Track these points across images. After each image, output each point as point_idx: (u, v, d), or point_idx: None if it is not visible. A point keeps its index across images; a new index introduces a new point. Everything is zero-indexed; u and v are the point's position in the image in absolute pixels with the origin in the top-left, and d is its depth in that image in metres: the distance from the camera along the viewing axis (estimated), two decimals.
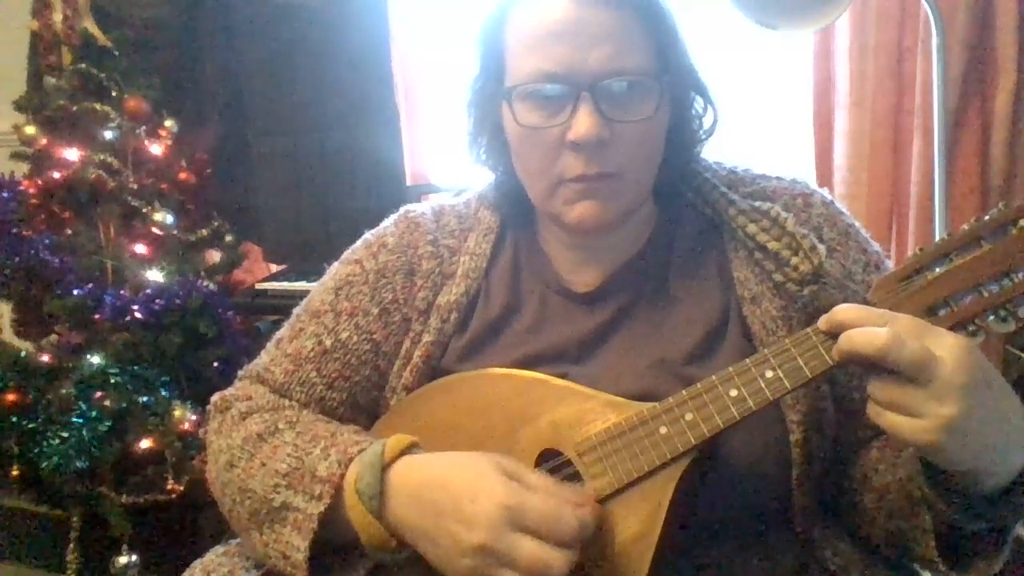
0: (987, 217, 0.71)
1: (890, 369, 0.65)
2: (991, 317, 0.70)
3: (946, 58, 1.56)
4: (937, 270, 0.71)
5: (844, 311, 0.69)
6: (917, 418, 0.65)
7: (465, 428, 0.83)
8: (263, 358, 0.99)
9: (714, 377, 0.75)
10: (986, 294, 0.70)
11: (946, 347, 0.65)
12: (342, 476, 0.79)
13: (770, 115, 2.10)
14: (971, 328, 0.71)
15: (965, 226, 0.71)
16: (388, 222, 1.01)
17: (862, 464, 0.87)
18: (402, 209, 1.02)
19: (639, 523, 0.75)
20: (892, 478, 0.81)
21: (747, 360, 0.74)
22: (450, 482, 0.74)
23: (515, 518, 0.69)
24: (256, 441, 0.87)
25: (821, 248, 0.85)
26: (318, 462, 0.81)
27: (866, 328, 0.67)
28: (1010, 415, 0.68)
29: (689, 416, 0.74)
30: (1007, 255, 0.69)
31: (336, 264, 1.00)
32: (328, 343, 0.94)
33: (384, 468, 0.77)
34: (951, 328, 0.70)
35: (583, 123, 0.81)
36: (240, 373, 1.00)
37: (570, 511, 0.70)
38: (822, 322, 0.71)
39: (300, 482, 0.81)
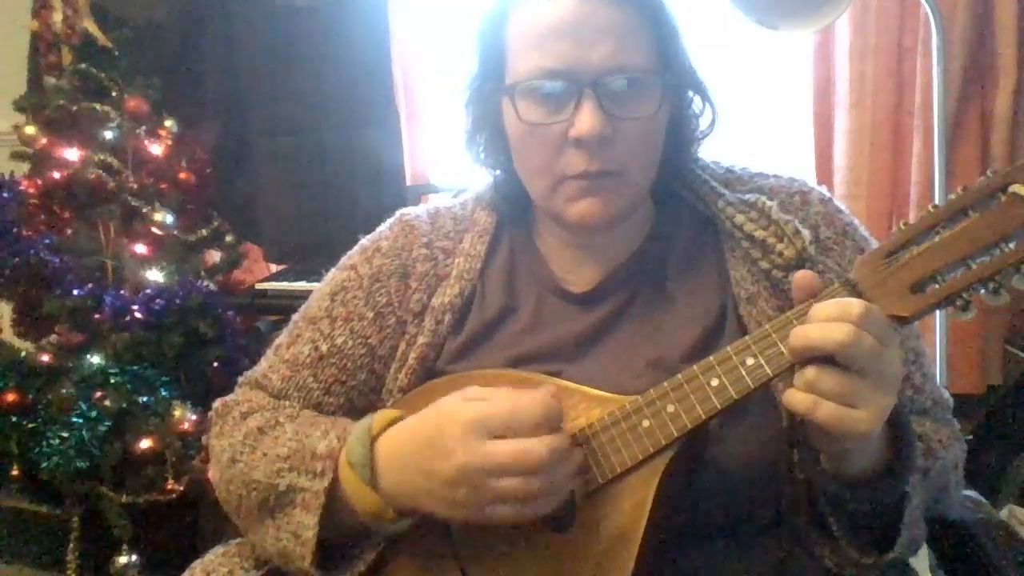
0: (974, 187, 0.67)
1: (843, 362, 0.66)
2: (982, 291, 0.67)
3: (946, 58, 1.56)
4: (923, 244, 0.69)
5: (821, 308, 0.68)
6: (858, 408, 0.66)
7: None
8: (262, 365, 1.00)
9: (695, 367, 0.74)
10: (975, 267, 0.67)
11: (895, 345, 0.67)
12: (340, 451, 0.81)
13: (770, 115, 2.10)
14: (959, 303, 0.68)
15: (951, 196, 0.68)
16: (384, 226, 1.02)
17: None
18: (398, 212, 1.03)
19: (625, 518, 0.75)
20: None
21: (728, 348, 0.74)
22: (419, 430, 0.77)
23: (482, 428, 0.72)
24: (257, 435, 0.88)
25: (805, 233, 0.86)
26: (317, 442, 0.83)
27: (825, 323, 0.67)
28: None
29: (671, 408, 0.74)
30: (996, 225, 0.66)
31: (333, 270, 1.01)
32: (324, 348, 0.95)
33: (373, 441, 0.79)
34: (939, 304, 0.68)
35: (586, 120, 0.81)
36: (240, 380, 1.01)
37: (528, 399, 0.72)
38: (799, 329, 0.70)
39: (302, 463, 0.82)
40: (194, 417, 1.92)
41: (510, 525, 0.76)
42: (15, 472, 1.91)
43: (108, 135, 2.11)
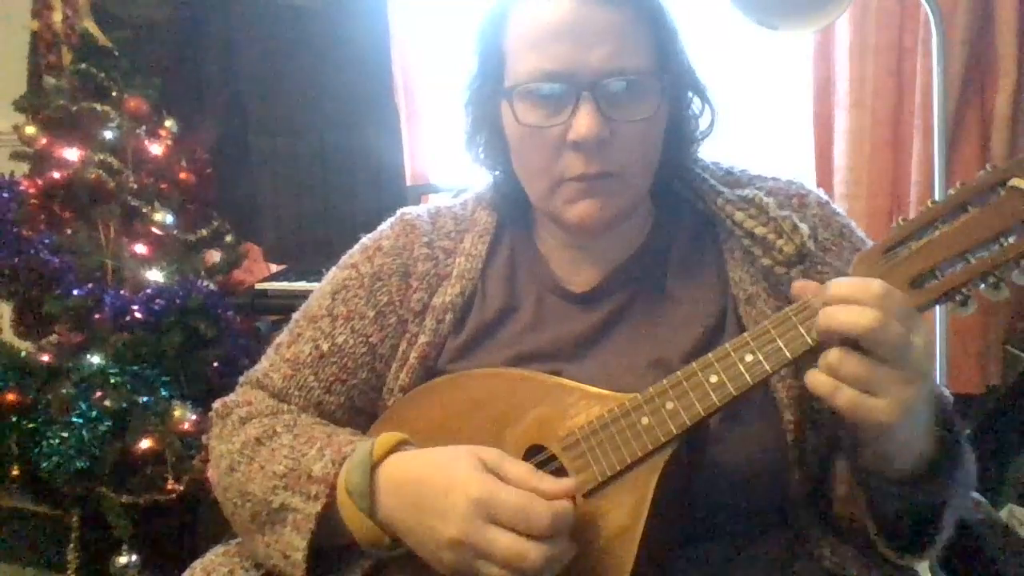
0: (973, 181, 0.67)
1: (867, 348, 0.65)
2: (982, 285, 0.67)
3: (946, 58, 1.56)
4: (922, 240, 0.69)
5: (838, 285, 0.68)
6: (877, 397, 0.65)
7: (455, 429, 0.84)
8: (263, 363, 1.00)
9: (694, 364, 0.75)
10: (974, 261, 0.67)
11: (921, 332, 0.66)
12: (336, 475, 0.80)
13: (770, 115, 2.10)
14: (959, 298, 0.68)
15: (951, 191, 0.68)
16: (384, 226, 1.02)
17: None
18: (399, 212, 1.03)
19: (624, 515, 0.75)
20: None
21: (727, 345, 0.74)
22: (429, 477, 0.75)
23: (487, 511, 0.70)
24: (255, 445, 0.88)
25: (803, 228, 0.85)
26: (313, 463, 0.82)
27: (851, 307, 0.66)
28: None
29: (670, 405, 0.74)
30: (995, 220, 0.66)
31: (334, 269, 1.01)
32: (325, 347, 0.95)
33: (373, 467, 0.78)
34: (938, 299, 0.68)
35: (584, 122, 0.81)
36: (241, 379, 1.01)
37: (541, 504, 0.70)
38: (818, 298, 0.69)
39: (297, 483, 0.82)
40: (194, 417, 1.92)
41: None
42: (15, 472, 1.90)
43: (108, 135, 2.11)
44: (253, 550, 0.87)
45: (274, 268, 2.44)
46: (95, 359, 1.93)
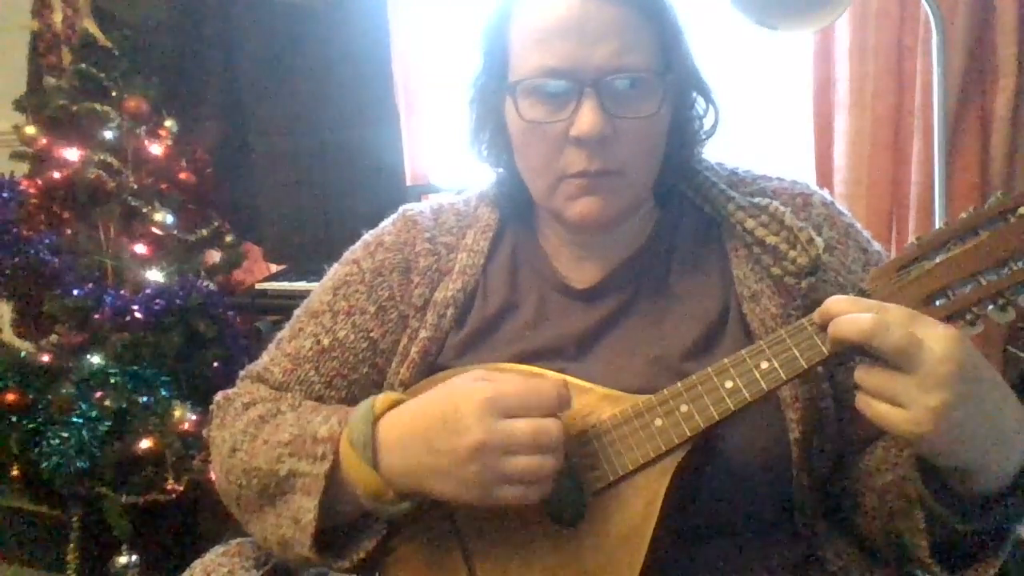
0: (986, 206, 0.70)
1: (878, 356, 0.65)
2: (990, 306, 0.69)
3: (946, 58, 1.56)
4: (935, 259, 0.71)
5: (835, 302, 0.70)
6: (904, 407, 0.65)
7: None
8: (264, 358, 0.99)
9: (709, 369, 0.75)
10: (984, 283, 0.69)
11: (935, 337, 0.65)
12: (341, 434, 0.81)
13: (770, 115, 2.10)
14: (969, 318, 0.70)
15: (963, 215, 0.70)
16: (387, 221, 1.02)
17: (865, 463, 0.87)
18: (400, 208, 1.03)
19: (634, 516, 0.75)
20: (893, 477, 0.81)
21: (742, 351, 0.74)
22: (429, 408, 0.77)
23: (498, 406, 0.72)
24: (258, 423, 0.88)
25: (819, 240, 0.85)
26: (319, 427, 0.83)
27: (852, 314, 0.67)
28: (1006, 412, 0.67)
29: (684, 408, 0.75)
30: (1006, 244, 0.68)
31: (335, 265, 1.01)
32: (326, 342, 0.95)
33: (375, 421, 0.79)
34: (949, 318, 0.69)
35: (586, 119, 0.81)
36: (241, 374, 1.01)
37: (543, 382, 0.75)
38: (816, 314, 0.71)
39: (303, 448, 0.82)
40: (194, 417, 1.92)
41: (516, 517, 0.75)
42: (15, 472, 1.91)
43: (108, 135, 2.11)
44: (261, 531, 0.86)
45: (274, 268, 2.44)
46: (95, 359, 1.93)
